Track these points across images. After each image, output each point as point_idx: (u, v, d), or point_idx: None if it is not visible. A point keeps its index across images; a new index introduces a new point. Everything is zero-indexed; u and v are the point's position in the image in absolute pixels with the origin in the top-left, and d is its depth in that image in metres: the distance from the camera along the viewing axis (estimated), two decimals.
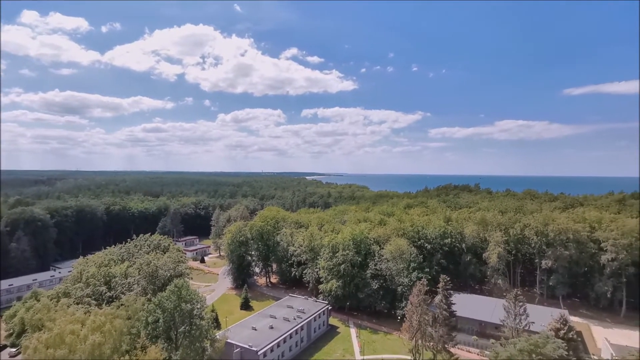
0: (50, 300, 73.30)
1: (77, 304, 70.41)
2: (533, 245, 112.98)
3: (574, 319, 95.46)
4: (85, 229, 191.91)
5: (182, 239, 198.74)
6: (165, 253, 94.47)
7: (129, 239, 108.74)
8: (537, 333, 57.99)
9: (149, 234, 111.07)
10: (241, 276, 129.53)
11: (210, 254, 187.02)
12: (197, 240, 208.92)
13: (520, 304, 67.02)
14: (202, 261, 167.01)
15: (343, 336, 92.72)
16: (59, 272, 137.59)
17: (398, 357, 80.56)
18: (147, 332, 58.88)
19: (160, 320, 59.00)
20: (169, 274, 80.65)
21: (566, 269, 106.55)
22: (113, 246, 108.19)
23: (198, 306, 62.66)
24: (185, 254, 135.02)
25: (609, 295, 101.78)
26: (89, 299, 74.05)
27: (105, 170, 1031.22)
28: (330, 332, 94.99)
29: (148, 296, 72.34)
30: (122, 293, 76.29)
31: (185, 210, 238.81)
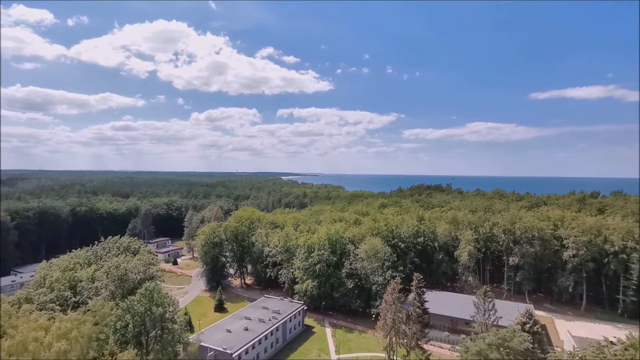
0: (12, 306, 69.30)
1: (41, 309, 66.90)
2: (501, 243, 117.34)
3: (539, 313, 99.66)
4: (49, 232, 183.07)
5: (153, 241, 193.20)
6: (135, 255, 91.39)
7: (96, 242, 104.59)
8: (505, 327, 60.28)
9: (118, 236, 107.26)
10: (215, 278, 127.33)
11: (183, 255, 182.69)
12: (170, 241, 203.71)
13: (489, 299, 69.43)
14: (175, 263, 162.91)
15: (318, 336, 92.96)
16: (21, 277, 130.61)
17: (373, 355, 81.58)
18: (116, 337, 56.86)
19: (130, 325, 57.11)
20: (139, 277, 78.10)
21: (531, 265, 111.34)
22: (79, 249, 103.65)
23: (170, 309, 61.04)
24: (157, 256, 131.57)
25: (570, 290, 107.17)
26: (53, 304, 70.58)
27: (70, 169, 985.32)
28: (306, 332, 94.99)
29: (117, 300, 69.85)
30: (89, 298, 73.17)
31: (157, 211, 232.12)
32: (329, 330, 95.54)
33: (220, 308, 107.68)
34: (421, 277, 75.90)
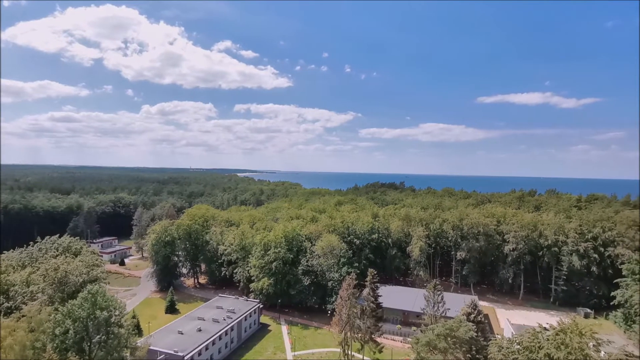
0: None
1: None
2: (450, 238, 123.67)
3: (482, 304, 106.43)
4: None
5: (97, 241, 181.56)
6: (76, 257, 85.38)
7: (31, 242, 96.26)
8: (452, 318, 63.62)
9: (57, 235, 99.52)
10: (167, 278, 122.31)
11: (131, 255, 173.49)
12: (116, 241, 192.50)
13: (439, 292, 72.80)
14: (122, 264, 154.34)
15: (274, 334, 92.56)
16: None
17: (328, 350, 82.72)
18: (55, 344, 52.77)
19: (71, 331, 53.23)
20: (81, 280, 73.04)
21: (477, 259, 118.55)
22: (11, 250, 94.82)
23: (116, 313, 57.66)
24: (102, 256, 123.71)
25: (510, 281, 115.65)
26: None
27: (2, 163, 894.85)
28: (262, 331, 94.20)
29: (56, 305, 64.84)
30: (24, 303, 67.19)
31: (102, 208, 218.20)
32: (284, 328, 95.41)
33: (171, 309, 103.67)
34: (375, 272, 77.90)
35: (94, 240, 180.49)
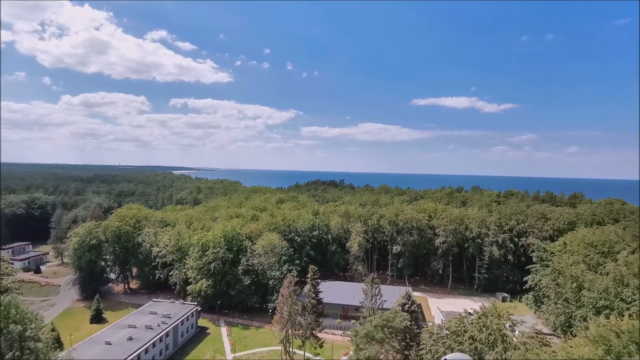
0: None
1: None
2: (387, 233, 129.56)
3: (416, 294, 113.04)
4: None
5: (7, 246, 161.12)
6: None
7: None
8: (389, 309, 66.86)
9: None
10: (92, 285, 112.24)
11: (49, 262, 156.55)
12: (30, 246, 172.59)
13: (376, 286, 75.76)
14: (38, 271, 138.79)
15: (213, 336, 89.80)
16: None
17: (269, 349, 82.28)
18: None
19: None
20: None
21: (411, 252, 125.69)
22: None
23: (32, 326, 51.84)
24: (13, 264, 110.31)
25: (440, 272, 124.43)
26: None
27: None
28: (200, 334, 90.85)
29: None
30: None
31: (13, 210, 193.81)
32: (224, 330, 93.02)
33: (98, 319, 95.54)
34: (316, 269, 78.93)
35: (4, 246, 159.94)
